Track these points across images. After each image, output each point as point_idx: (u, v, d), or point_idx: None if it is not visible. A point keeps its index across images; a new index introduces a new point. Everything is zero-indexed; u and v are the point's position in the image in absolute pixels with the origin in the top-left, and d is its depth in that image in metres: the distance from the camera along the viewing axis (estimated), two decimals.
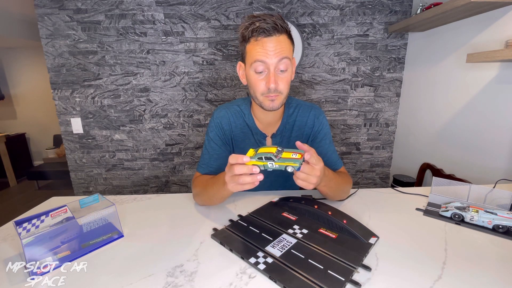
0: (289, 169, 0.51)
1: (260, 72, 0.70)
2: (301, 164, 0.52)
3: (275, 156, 0.52)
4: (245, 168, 0.53)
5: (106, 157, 1.86)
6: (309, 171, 0.55)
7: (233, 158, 0.54)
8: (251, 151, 0.57)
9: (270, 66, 0.68)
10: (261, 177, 0.53)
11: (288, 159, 0.52)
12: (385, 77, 1.82)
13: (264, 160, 0.53)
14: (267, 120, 0.83)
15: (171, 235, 0.64)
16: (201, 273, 0.50)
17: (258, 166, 0.54)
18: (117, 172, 1.90)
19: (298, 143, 0.58)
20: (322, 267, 0.49)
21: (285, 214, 0.69)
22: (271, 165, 0.53)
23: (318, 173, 0.56)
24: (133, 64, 1.72)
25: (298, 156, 0.52)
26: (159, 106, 1.80)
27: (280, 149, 0.55)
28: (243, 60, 0.75)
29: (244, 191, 0.89)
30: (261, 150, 0.55)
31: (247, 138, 0.85)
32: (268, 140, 0.86)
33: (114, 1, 1.62)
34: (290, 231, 0.61)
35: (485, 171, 1.26)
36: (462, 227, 0.65)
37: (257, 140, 0.85)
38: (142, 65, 1.73)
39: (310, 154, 0.55)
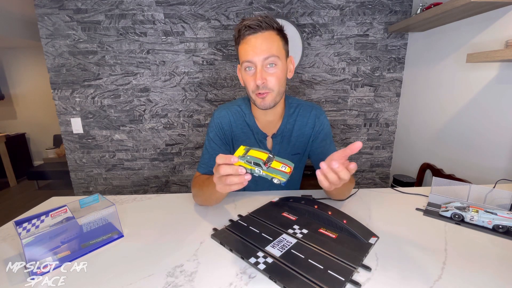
0: (275, 181, 0.49)
1: (249, 70, 0.72)
2: (288, 179, 0.49)
3: (264, 164, 0.50)
4: (231, 168, 0.51)
5: (106, 157, 1.86)
6: (336, 180, 0.50)
7: (220, 158, 0.52)
8: (241, 149, 0.55)
9: (257, 63, 0.70)
10: (248, 177, 0.51)
11: (276, 171, 0.50)
12: (385, 77, 1.82)
13: (252, 164, 0.51)
14: (267, 119, 0.83)
15: (171, 235, 0.64)
16: (201, 273, 0.50)
17: (245, 168, 0.51)
18: (117, 172, 1.90)
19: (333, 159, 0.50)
20: (322, 267, 0.49)
21: (285, 214, 0.69)
22: (259, 172, 0.50)
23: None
24: (133, 64, 1.72)
25: (287, 169, 0.50)
26: (159, 106, 1.80)
27: (271, 156, 0.52)
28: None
29: (244, 191, 0.91)
30: (252, 152, 0.53)
31: (247, 138, 0.85)
32: (269, 140, 0.86)
33: (114, 1, 1.62)
34: (290, 231, 0.61)
35: (485, 171, 1.26)
36: (462, 227, 0.65)
37: (258, 140, 0.85)
38: (142, 65, 1.73)
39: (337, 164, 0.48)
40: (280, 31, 0.73)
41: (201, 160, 0.86)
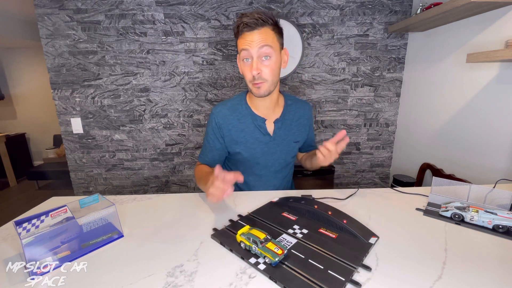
0: (267, 260, 0.51)
1: (246, 61, 0.79)
2: (279, 260, 0.51)
3: (261, 243, 0.53)
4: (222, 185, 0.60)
5: (106, 157, 1.86)
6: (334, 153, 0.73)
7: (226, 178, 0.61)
8: (246, 227, 0.59)
9: (253, 55, 0.76)
10: (230, 192, 0.61)
11: (270, 251, 0.52)
12: (385, 77, 1.82)
13: (251, 241, 0.54)
14: (264, 106, 0.90)
15: (171, 235, 0.64)
16: (201, 273, 0.50)
17: (244, 243, 0.55)
18: (117, 172, 1.90)
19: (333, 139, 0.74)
20: (322, 267, 0.49)
21: (285, 214, 0.69)
22: (255, 249, 0.53)
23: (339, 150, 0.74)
24: (133, 64, 1.72)
25: (279, 252, 0.52)
26: (159, 106, 1.80)
27: (268, 238, 0.55)
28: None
29: (244, 190, 0.93)
30: (254, 231, 0.56)
31: (246, 127, 0.90)
32: (270, 124, 0.91)
33: (114, 1, 1.62)
34: (290, 231, 0.62)
35: (485, 171, 1.26)
36: (462, 227, 0.65)
37: (257, 125, 0.90)
38: (142, 65, 1.73)
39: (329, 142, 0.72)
40: (275, 26, 0.79)
41: (201, 151, 0.97)
